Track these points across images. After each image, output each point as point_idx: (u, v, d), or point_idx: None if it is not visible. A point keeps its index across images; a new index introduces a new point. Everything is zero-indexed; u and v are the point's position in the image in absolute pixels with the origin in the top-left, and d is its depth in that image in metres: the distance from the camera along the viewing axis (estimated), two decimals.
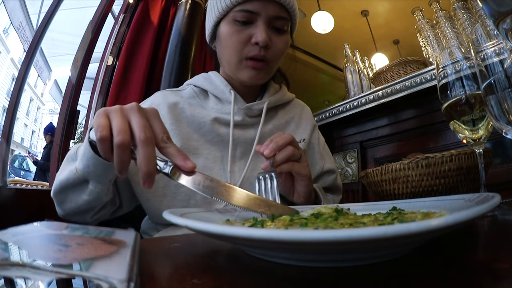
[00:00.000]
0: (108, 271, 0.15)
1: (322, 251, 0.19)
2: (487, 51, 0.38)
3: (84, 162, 0.45)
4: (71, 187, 0.49)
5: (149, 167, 0.34)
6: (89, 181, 0.47)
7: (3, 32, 7.15)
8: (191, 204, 0.58)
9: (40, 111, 10.53)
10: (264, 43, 0.58)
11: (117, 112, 0.37)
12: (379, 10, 2.30)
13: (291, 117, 0.72)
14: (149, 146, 0.35)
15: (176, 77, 1.50)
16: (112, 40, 1.68)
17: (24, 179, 2.63)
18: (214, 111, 0.65)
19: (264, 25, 0.59)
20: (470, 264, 0.20)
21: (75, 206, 0.51)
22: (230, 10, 0.60)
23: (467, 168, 0.54)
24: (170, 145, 0.37)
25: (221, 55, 0.66)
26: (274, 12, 0.59)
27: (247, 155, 0.64)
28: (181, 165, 0.36)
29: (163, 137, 0.37)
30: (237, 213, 0.38)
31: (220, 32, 0.63)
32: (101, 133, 0.35)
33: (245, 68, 0.61)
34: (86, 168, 0.45)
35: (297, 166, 0.52)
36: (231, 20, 0.60)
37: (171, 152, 0.36)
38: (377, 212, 0.33)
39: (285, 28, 0.62)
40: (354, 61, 1.62)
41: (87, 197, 0.49)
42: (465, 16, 1.17)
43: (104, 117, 0.36)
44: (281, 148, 0.49)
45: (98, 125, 0.36)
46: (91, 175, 0.46)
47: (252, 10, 0.58)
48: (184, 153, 0.36)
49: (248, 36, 0.59)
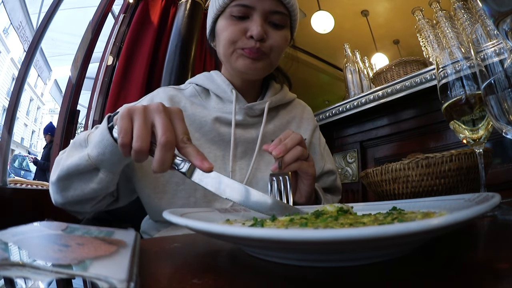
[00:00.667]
0: (108, 271, 0.15)
1: (322, 251, 0.19)
2: (487, 51, 0.38)
3: (100, 149, 0.44)
4: (79, 174, 0.48)
5: (162, 168, 0.37)
6: (100, 169, 0.47)
7: (3, 32, 7.15)
8: (191, 202, 0.58)
9: (40, 111, 10.54)
10: (259, 37, 0.58)
11: (140, 114, 0.38)
12: (379, 10, 2.30)
13: (292, 117, 0.72)
14: (168, 150, 0.37)
15: (176, 77, 1.50)
16: (112, 40, 1.68)
17: (24, 179, 2.63)
18: (215, 111, 0.65)
19: (260, 19, 0.59)
20: (470, 264, 0.20)
21: (80, 194, 0.50)
22: (227, 5, 0.61)
23: (467, 168, 0.54)
24: (189, 145, 0.38)
25: (218, 51, 0.66)
26: (271, 6, 0.59)
27: (247, 155, 0.64)
28: (198, 165, 0.37)
29: (183, 138, 0.38)
30: (242, 213, 0.39)
31: (217, 28, 0.63)
32: (122, 139, 0.38)
33: (240, 57, 0.61)
34: (100, 156, 0.45)
35: (305, 165, 0.53)
36: (228, 15, 0.61)
37: (190, 152, 0.38)
38: (377, 212, 0.33)
39: (283, 23, 0.62)
40: (354, 61, 1.62)
41: (95, 185, 0.49)
42: (465, 16, 1.17)
43: (127, 120, 0.38)
44: (290, 149, 0.50)
45: (121, 128, 0.38)
46: (105, 163, 0.46)
47: (248, 4, 0.59)
48: (202, 153, 0.38)
49: (244, 30, 0.60)
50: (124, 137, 0.38)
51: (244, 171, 0.62)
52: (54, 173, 0.51)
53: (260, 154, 0.64)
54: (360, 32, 2.37)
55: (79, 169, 0.47)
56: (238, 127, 0.65)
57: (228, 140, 0.63)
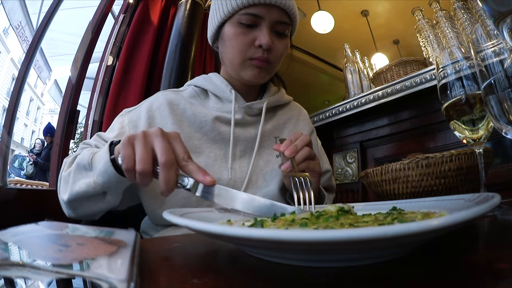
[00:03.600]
0: (108, 271, 0.15)
1: (322, 251, 0.19)
2: (487, 51, 0.38)
3: (105, 178, 0.47)
4: (88, 197, 0.51)
5: (168, 187, 0.39)
6: (107, 193, 0.50)
7: (3, 32, 7.15)
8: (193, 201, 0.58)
9: (40, 111, 10.53)
10: (268, 46, 0.60)
11: (140, 140, 0.40)
12: (379, 10, 2.30)
13: (289, 117, 0.74)
14: (170, 169, 0.39)
15: (176, 77, 1.50)
16: (112, 40, 1.68)
17: (24, 179, 2.63)
18: (215, 110, 0.66)
19: (268, 29, 0.61)
20: (470, 264, 0.20)
21: (90, 211, 0.54)
22: (236, 12, 0.61)
23: (467, 168, 0.54)
24: (190, 163, 0.40)
25: (224, 55, 0.67)
26: (278, 17, 0.61)
27: (247, 153, 0.66)
28: (201, 180, 0.39)
29: (184, 156, 0.40)
30: (242, 213, 0.40)
31: (225, 33, 0.64)
32: (126, 165, 0.40)
33: (249, 67, 0.63)
34: (106, 184, 0.47)
35: (312, 164, 0.56)
36: (236, 22, 0.62)
37: (191, 169, 0.40)
38: (377, 212, 0.33)
39: (286, 32, 0.64)
40: (354, 61, 1.62)
41: (104, 205, 0.52)
42: (465, 16, 1.17)
43: (129, 147, 0.40)
44: (300, 149, 0.54)
45: (124, 156, 0.40)
46: (111, 189, 0.49)
47: (257, 14, 0.60)
48: (203, 169, 0.40)
49: (253, 39, 0.61)
50: (128, 163, 0.40)
51: (244, 169, 0.64)
52: (64, 193, 0.53)
53: (259, 153, 0.66)
54: (360, 32, 2.37)
55: (87, 194, 0.50)
56: (238, 126, 0.66)
57: (228, 139, 0.64)
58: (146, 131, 0.41)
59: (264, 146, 0.67)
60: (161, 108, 0.64)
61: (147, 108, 0.64)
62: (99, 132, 0.64)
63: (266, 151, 0.67)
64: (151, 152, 0.40)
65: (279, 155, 0.67)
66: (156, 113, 0.64)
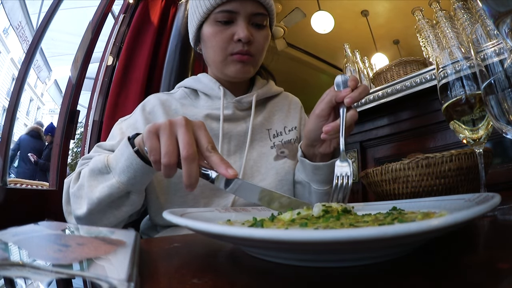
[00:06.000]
0: (108, 271, 0.15)
1: (322, 251, 0.19)
2: (487, 51, 0.38)
3: (130, 173, 0.46)
4: (110, 202, 0.49)
5: (190, 181, 0.39)
6: (131, 192, 0.49)
7: (3, 32, 7.14)
8: (189, 200, 0.59)
9: (40, 111, 10.52)
10: (246, 39, 0.61)
11: (165, 130, 0.40)
12: (379, 10, 2.30)
13: (279, 107, 0.74)
14: (191, 163, 0.39)
15: (176, 77, 1.50)
16: (112, 40, 1.68)
17: (24, 179, 2.63)
18: (205, 108, 0.67)
19: (244, 22, 0.62)
20: (470, 264, 0.20)
21: (112, 221, 0.51)
22: (211, 12, 0.62)
23: (467, 168, 0.54)
24: (213, 154, 0.40)
25: (207, 56, 0.68)
26: (252, 9, 0.62)
27: (241, 148, 0.66)
28: (223, 173, 0.39)
29: (207, 147, 0.40)
30: (242, 213, 0.40)
31: (204, 34, 0.65)
32: (154, 157, 0.41)
33: (231, 63, 0.64)
34: (131, 180, 0.47)
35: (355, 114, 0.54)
36: (213, 21, 0.63)
37: (214, 161, 0.39)
38: (377, 212, 0.33)
39: (264, 23, 0.65)
40: (354, 61, 1.62)
41: (128, 208, 0.51)
42: (465, 16, 1.17)
43: (155, 138, 0.40)
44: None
45: (151, 148, 0.40)
46: (136, 186, 0.48)
47: (232, 9, 0.61)
48: (226, 161, 0.39)
49: (231, 34, 0.62)
50: (156, 155, 0.40)
51: (238, 164, 0.64)
52: (79, 208, 0.50)
53: (252, 146, 0.66)
54: (360, 32, 2.37)
55: (111, 198, 0.48)
56: (228, 122, 0.66)
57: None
58: (171, 120, 0.41)
59: (257, 139, 0.68)
60: (154, 109, 0.65)
61: (142, 110, 0.65)
62: (98, 143, 0.63)
63: (259, 144, 0.67)
64: (176, 143, 0.40)
65: (273, 147, 0.68)
66: (151, 114, 0.65)
